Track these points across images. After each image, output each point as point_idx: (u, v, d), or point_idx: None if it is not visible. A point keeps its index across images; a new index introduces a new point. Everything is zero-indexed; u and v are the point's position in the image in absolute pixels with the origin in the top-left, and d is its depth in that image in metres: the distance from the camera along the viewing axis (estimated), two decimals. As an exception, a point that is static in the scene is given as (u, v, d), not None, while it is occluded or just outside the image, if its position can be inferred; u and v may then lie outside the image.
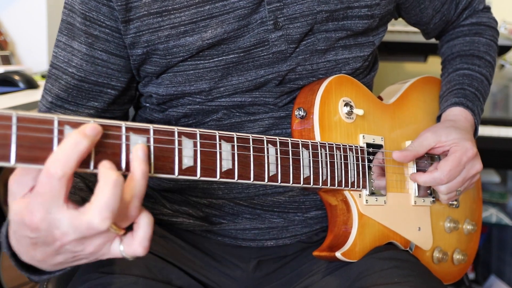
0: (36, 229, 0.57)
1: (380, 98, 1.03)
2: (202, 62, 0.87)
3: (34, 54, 1.99)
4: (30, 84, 1.61)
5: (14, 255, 0.66)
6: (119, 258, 0.88)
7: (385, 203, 0.91)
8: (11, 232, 0.63)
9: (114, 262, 0.87)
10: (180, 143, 0.65)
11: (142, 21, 0.85)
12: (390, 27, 1.04)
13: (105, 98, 0.92)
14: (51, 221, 0.56)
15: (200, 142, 0.67)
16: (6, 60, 1.85)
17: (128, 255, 0.61)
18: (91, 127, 0.56)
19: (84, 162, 0.57)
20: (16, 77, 1.60)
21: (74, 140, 0.55)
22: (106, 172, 0.56)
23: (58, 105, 0.92)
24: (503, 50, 1.87)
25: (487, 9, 1.17)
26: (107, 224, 0.55)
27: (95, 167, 0.58)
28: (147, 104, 0.98)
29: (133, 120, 1.08)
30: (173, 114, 0.94)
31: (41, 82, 1.68)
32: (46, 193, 0.55)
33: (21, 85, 1.59)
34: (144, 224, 0.60)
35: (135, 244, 0.60)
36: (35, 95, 1.51)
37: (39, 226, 0.56)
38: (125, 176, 0.59)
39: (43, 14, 1.99)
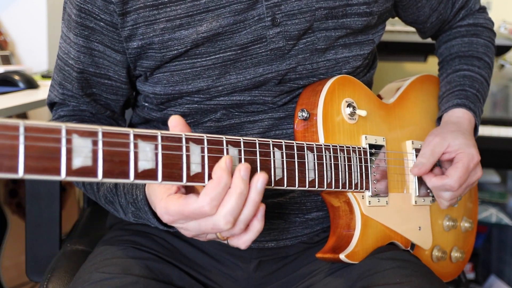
0: (187, 218, 0.68)
1: (379, 96, 1.03)
2: (199, 60, 0.87)
3: (34, 54, 1.98)
4: (30, 84, 1.60)
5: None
6: (119, 258, 0.88)
7: (387, 203, 0.91)
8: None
9: (115, 263, 0.87)
10: (188, 149, 0.64)
11: (138, 13, 0.85)
12: (390, 27, 1.03)
13: (103, 88, 0.94)
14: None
15: (207, 147, 0.66)
16: (6, 60, 1.84)
17: (228, 243, 0.71)
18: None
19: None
20: (16, 77, 1.59)
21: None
22: (237, 181, 0.65)
23: (69, 95, 0.95)
24: (503, 50, 1.86)
25: (483, 9, 1.16)
26: (229, 226, 0.66)
27: (104, 176, 0.58)
28: (146, 104, 0.99)
29: (131, 119, 1.08)
30: (171, 113, 0.93)
31: (41, 82, 1.68)
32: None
33: (21, 85, 1.58)
34: (255, 230, 0.69)
35: (241, 241, 0.70)
36: (35, 95, 1.50)
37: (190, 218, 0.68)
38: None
39: (43, 14, 1.98)
